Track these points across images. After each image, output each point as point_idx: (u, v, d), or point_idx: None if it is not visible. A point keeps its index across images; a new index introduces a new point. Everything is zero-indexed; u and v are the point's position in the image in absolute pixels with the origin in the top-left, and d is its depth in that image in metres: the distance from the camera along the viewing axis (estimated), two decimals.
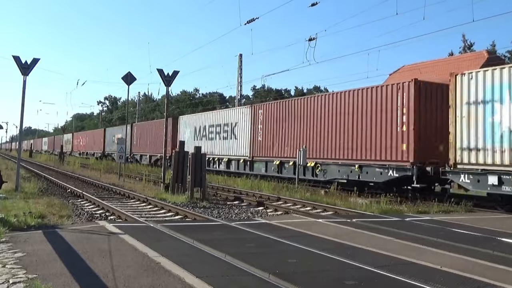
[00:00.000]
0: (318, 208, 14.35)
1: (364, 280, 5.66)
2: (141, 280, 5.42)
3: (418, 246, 7.92)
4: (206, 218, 11.77)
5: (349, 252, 7.22)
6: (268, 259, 6.68)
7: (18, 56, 17.10)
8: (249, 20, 26.00)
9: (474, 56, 33.31)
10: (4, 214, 9.62)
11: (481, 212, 13.92)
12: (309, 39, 23.87)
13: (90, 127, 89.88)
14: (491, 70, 14.01)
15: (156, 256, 6.65)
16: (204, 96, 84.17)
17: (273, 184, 20.51)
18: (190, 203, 14.95)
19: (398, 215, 12.56)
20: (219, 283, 5.42)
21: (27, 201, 13.04)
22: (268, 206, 15.13)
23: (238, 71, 42.94)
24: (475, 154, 14.15)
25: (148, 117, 73.29)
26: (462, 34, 48.40)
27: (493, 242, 8.52)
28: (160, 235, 8.69)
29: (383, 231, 9.37)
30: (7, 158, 53.69)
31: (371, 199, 15.65)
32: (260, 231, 9.07)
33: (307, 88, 74.08)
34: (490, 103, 13.80)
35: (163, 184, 18.86)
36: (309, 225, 10.30)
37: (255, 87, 75.97)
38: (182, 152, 17.63)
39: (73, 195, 17.77)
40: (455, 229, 10.14)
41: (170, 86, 20.83)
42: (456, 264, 6.57)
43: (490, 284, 5.60)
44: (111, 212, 13.01)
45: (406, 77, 21.72)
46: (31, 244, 7.42)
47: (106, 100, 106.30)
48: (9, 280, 5.32)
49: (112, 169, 32.07)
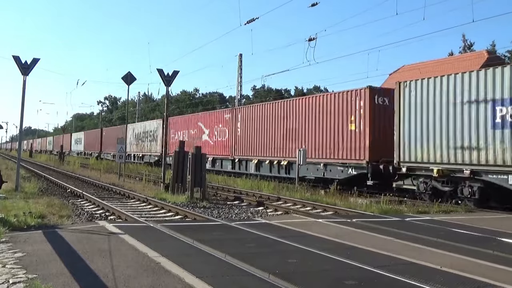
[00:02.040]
0: (318, 208, 14.35)
1: (364, 280, 5.66)
2: (141, 280, 5.42)
3: (418, 246, 7.92)
4: (206, 218, 11.77)
5: (349, 252, 7.21)
6: (268, 259, 6.68)
7: (18, 56, 17.11)
8: (249, 20, 25.95)
9: (474, 56, 33.34)
10: (4, 214, 9.62)
11: (481, 212, 13.92)
12: (309, 39, 23.83)
13: (90, 127, 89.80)
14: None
15: (156, 256, 6.65)
16: (204, 96, 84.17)
17: (273, 184, 20.56)
18: (190, 203, 14.94)
19: (398, 215, 12.56)
20: (219, 283, 5.42)
21: (27, 201, 13.04)
22: (268, 206, 15.13)
23: (238, 71, 42.96)
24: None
25: (148, 117, 73.23)
26: (462, 34, 48.49)
27: (493, 242, 8.51)
28: (160, 235, 8.69)
29: (383, 231, 9.37)
30: (7, 158, 53.70)
31: (371, 199, 15.66)
32: (260, 231, 9.07)
33: (307, 88, 74.13)
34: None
35: (163, 184, 18.86)
36: (309, 225, 10.29)
37: (255, 87, 76.05)
38: (182, 152, 17.62)
39: (73, 195, 17.78)
40: (455, 229, 10.14)
41: (170, 86, 20.90)
42: (456, 264, 6.57)
43: (490, 284, 5.60)
44: (111, 212, 13.01)
45: (406, 77, 21.87)
46: (31, 244, 7.42)
47: (106, 100, 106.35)
48: (9, 280, 5.32)
49: (112, 169, 32.09)
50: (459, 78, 14.96)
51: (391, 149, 17.02)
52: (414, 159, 16.25)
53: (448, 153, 15.14)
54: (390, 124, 17.61)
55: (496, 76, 13.96)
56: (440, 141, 15.35)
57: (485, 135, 14.11)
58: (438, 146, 15.40)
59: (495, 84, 13.92)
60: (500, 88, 13.81)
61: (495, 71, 14.06)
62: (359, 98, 18.73)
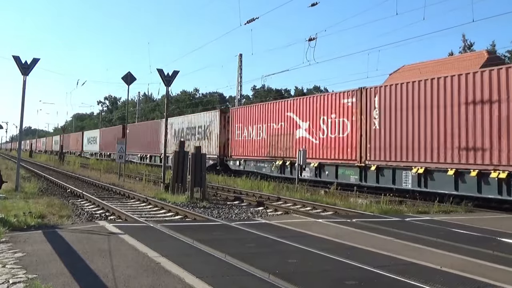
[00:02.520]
0: (318, 208, 14.35)
1: (364, 280, 5.66)
2: (141, 280, 5.42)
3: (418, 246, 7.92)
4: (206, 218, 11.77)
5: (349, 252, 7.21)
6: (268, 259, 6.68)
7: (18, 56, 17.11)
8: (249, 20, 25.92)
9: (474, 56, 33.23)
10: (4, 214, 9.62)
11: (481, 212, 13.92)
12: (309, 39, 23.80)
13: (90, 127, 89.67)
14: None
15: (156, 256, 6.65)
16: (204, 96, 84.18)
17: (273, 184, 20.56)
18: (190, 203, 14.95)
19: (398, 215, 12.56)
20: (219, 283, 5.42)
21: (27, 201, 13.04)
22: (268, 206, 15.13)
23: (238, 71, 42.94)
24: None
25: (148, 117, 73.29)
26: (462, 34, 48.33)
27: (493, 242, 8.52)
28: (160, 235, 8.69)
29: (383, 231, 9.37)
30: (7, 158, 53.70)
31: (371, 199, 15.65)
32: (260, 231, 9.07)
33: (307, 88, 74.14)
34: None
35: (163, 184, 18.86)
36: (309, 225, 10.29)
37: (255, 87, 76.06)
38: (182, 152, 17.62)
39: (73, 195, 17.78)
40: (455, 229, 10.14)
41: (170, 86, 20.90)
42: (456, 264, 6.57)
43: (490, 284, 5.60)
44: (111, 212, 13.01)
45: (406, 77, 21.80)
46: (31, 244, 7.42)
47: (106, 100, 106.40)
48: (9, 280, 5.32)
49: (112, 169, 32.08)
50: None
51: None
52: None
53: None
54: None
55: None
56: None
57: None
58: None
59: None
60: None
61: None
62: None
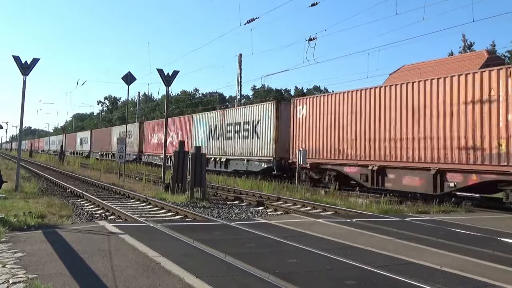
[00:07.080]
0: (318, 208, 14.35)
1: (364, 280, 5.66)
2: (141, 280, 5.41)
3: (418, 246, 7.92)
4: (206, 218, 11.77)
5: (349, 252, 7.21)
6: (268, 259, 6.68)
7: (18, 56, 17.08)
8: (249, 20, 25.90)
9: (474, 56, 33.15)
10: (4, 214, 9.61)
11: (481, 212, 13.92)
12: (309, 39, 23.75)
13: (90, 127, 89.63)
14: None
15: (156, 256, 6.65)
16: (204, 96, 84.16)
17: (273, 184, 20.55)
18: (190, 203, 14.94)
19: (398, 215, 12.56)
20: (219, 283, 5.41)
21: (27, 201, 13.04)
22: (268, 206, 15.12)
23: (238, 71, 42.93)
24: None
25: (148, 117, 73.28)
26: (462, 34, 48.22)
27: (493, 242, 8.52)
28: (160, 235, 8.69)
29: (383, 231, 9.37)
30: (7, 158, 53.71)
31: (372, 199, 15.66)
32: (260, 231, 9.07)
33: (307, 88, 74.14)
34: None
35: (163, 184, 18.86)
36: (309, 225, 10.29)
37: (255, 87, 75.98)
38: (182, 152, 17.61)
39: (73, 195, 17.77)
40: (455, 229, 10.14)
41: (170, 86, 20.90)
42: (456, 264, 6.57)
43: (490, 284, 5.60)
44: (111, 212, 13.01)
45: (406, 77, 21.79)
46: (31, 244, 7.41)
47: (106, 100, 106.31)
48: (9, 280, 5.32)
49: (112, 169, 32.07)
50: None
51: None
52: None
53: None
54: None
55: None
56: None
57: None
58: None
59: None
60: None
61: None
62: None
